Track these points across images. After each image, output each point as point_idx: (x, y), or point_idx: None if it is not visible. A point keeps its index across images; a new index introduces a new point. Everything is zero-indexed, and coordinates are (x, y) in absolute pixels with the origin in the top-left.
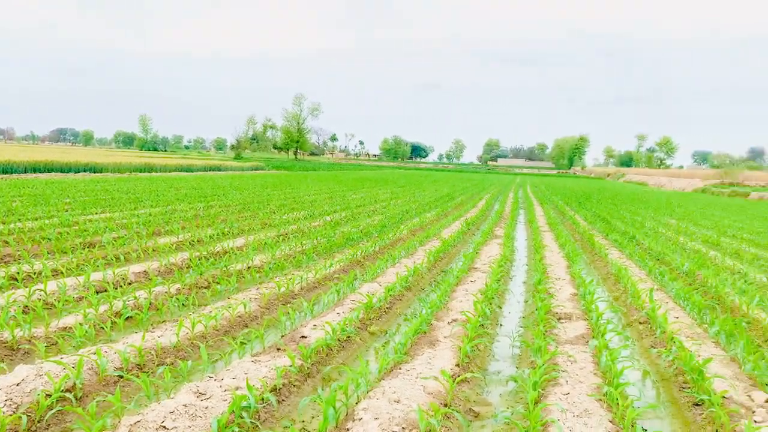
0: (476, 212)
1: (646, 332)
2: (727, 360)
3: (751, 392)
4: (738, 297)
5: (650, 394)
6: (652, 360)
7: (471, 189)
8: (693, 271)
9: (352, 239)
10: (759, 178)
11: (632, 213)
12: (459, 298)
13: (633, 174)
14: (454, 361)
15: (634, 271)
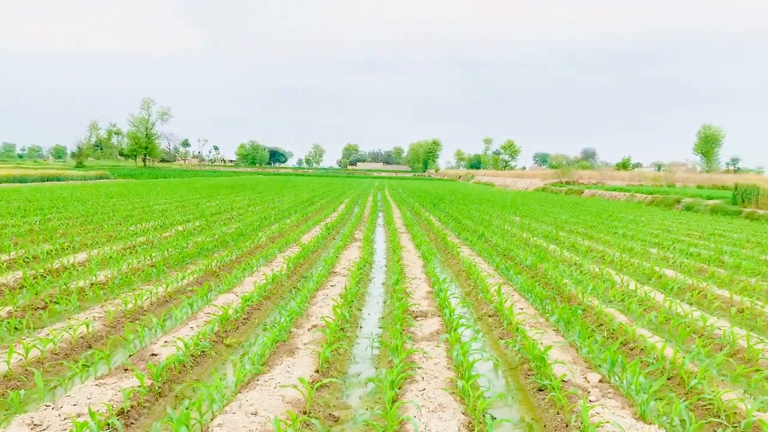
0: (336, 216)
1: (495, 325)
2: (567, 346)
3: (587, 374)
4: (574, 287)
5: (500, 384)
6: (500, 351)
7: (331, 193)
8: (535, 265)
9: (207, 249)
10: (591, 177)
11: (481, 212)
12: (319, 303)
13: (481, 176)
14: (313, 367)
15: (484, 267)
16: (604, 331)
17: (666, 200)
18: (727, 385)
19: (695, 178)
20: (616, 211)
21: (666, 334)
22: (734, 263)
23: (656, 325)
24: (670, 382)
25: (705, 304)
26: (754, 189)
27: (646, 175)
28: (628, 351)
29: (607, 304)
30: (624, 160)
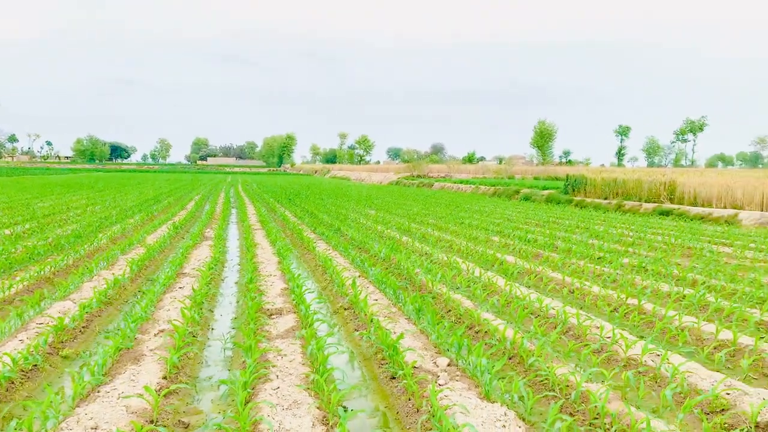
0: (185, 214)
1: (350, 317)
2: (418, 333)
3: (436, 359)
4: (425, 276)
5: (356, 375)
6: (356, 343)
7: (180, 190)
8: (389, 256)
9: (39, 254)
10: (440, 170)
11: (337, 207)
12: (167, 307)
13: (337, 170)
14: (161, 374)
15: (340, 260)
16: (452, 316)
17: (507, 191)
18: (560, 360)
19: (532, 170)
20: (463, 203)
21: (507, 316)
22: (566, 248)
23: (499, 308)
24: (511, 362)
25: (541, 286)
26: (582, 179)
27: (490, 168)
28: (474, 334)
29: (455, 290)
30: (470, 155)
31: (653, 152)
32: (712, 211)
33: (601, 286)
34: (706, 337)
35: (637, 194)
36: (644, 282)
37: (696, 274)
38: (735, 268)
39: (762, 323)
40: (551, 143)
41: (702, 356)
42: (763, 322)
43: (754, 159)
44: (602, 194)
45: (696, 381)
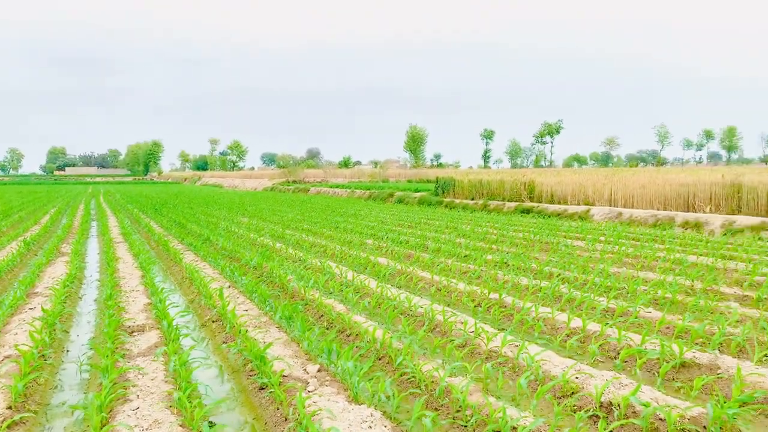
0: (39, 229)
1: (219, 330)
2: (289, 341)
3: (306, 366)
4: (297, 282)
5: (224, 388)
6: (224, 355)
7: (33, 203)
8: (261, 264)
9: None
10: (316, 175)
11: (208, 215)
12: (14, 330)
13: (209, 177)
14: (5, 404)
15: (209, 272)
16: (324, 321)
17: (381, 194)
18: (427, 357)
19: (406, 173)
20: (339, 207)
21: (378, 318)
22: (435, 247)
23: (370, 310)
24: (381, 362)
25: (411, 286)
26: (451, 181)
27: (365, 171)
28: (346, 338)
29: (328, 295)
30: (345, 159)
31: (516, 154)
32: (568, 208)
33: (466, 282)
34: (560, 326)
35: (501, 194)
36: (506, 277)
37: (552, 267)
38: (586, 260)
39: (608, 310)
40: (423, 147)
41: (555, 344)
42: (609, 309)
43: (605, 158)
44: (470, 195)
45: (549, 368)
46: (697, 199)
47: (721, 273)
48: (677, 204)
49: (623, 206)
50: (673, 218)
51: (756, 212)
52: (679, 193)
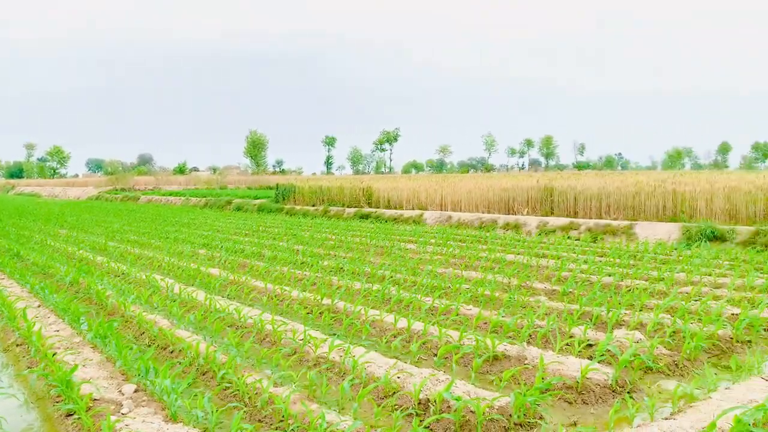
0: None
1: (23, 354)
2: (104, 361)
3: (122, 387)
4: (117, 298)
5: (27, 419)
6: (28, 382)
7: None
8: (77, 280)
9: None
10: (148, 182)
11: (20, 228)
12: None
13: (25, 186)
14: None
15: (16, 290)
16: (146, 338)
17: (219, 202)
18: (254, 368)
19: (246, 180)
20: (171, 216)
21: (205, 331)
22: (272, 255)
23: (196, 323)
24: (204, 377)
25: (243, 296)
26: (291, 188)
27: (201, 178)
28: (168, 354)
29: (152, 310)
30: (180, 165)
31: (357, 161)
32: (403, 213)
33: (300, 290)
34: (387, 327)
35: (341, 200)
36: (340, 282)
37: (385, 270)
38: (417, 262)
39: (433, 309)
40: (264, 153)
41: (382, 345)
42: (433, 308)
43: (440, 165)
44: (311, 201)
45: (374, 369)
46: (516, 203)
47: (534, 270)
48: (500, 207)
49: (452, 210)
50: (496, 220)
51: (566, 213)
52: (501, 197)
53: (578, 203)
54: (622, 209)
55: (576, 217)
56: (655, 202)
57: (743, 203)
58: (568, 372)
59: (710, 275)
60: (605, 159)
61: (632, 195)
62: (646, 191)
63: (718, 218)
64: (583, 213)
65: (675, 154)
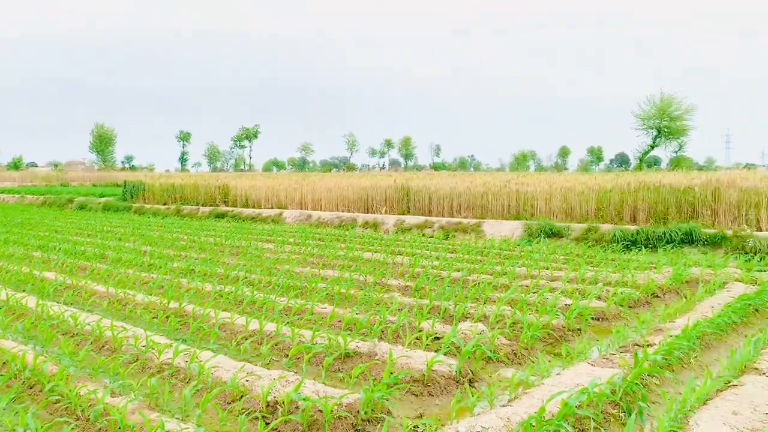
0: None
1: None
2: None
3: None
4: None
5: None
6: None
7: None
8: None
9: None
10: None
11: None
12: None
13: None
14: None
15: None
16: None
17: (59, 200)
18: (89, 379)
19: (91, 176)
20: (2, 215)
21: (35, 341)
22: (116, 257)
23: (24, 332)
24: (31, 390)
25: (81, 301)
26: (140, 185)
27: (39, 174)
28: None
29: None
30: (15, 160)
31: (215, 158)
32: (262, 212)
33: (145, 293)
34: (239, 329)
35: (195, 198)
36: (190, 284)
37: (239, 271)
38: (273, 262)
39: (287, 309)
40: (112, 148)
41: (231, 349)
42: (288, 308)
43: (302, 163)
44: (162, 200)
45: (221, 374)
46: (375, 202)
47: (390, 267)
48: (359, 206)
49: (313, 209)
50: (356, 219)
51: (421, 212)
52: (361, 196)
53: (432, 202)
54: (472, 208)
55: (431, 215)
56: (501, 201)
57: (577, 202)
58: (416, 365)
59: (548, 269)
60: (459, 160)
61: (481, 195)
62: (493, 191)
63: (556, 216)
64: (436, 211)
65: (521, 156)
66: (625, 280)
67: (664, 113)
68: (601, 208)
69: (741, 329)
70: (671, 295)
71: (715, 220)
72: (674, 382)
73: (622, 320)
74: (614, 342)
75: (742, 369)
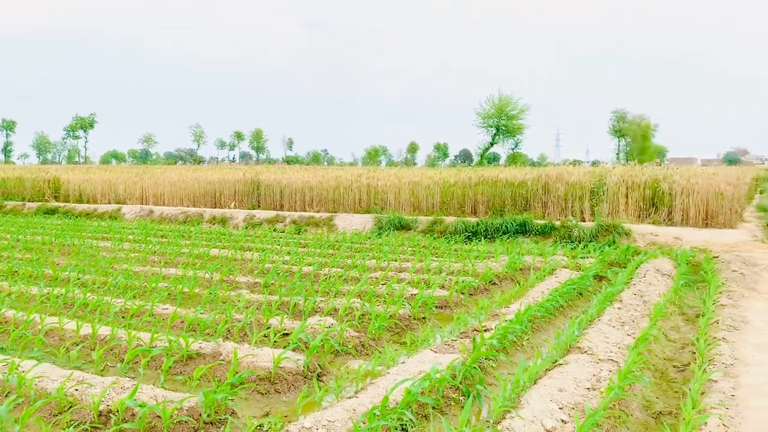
0: None
1: None
2: None
3: None
4: None
5: None
6: None
7: None
8: None
9: None
10: None
11: None
12: None
13: None
14: None
15: None
16: None
17: None
18: None
19: None
20: None
21: None
22: None
23: None
24: None
25: None
26: None
27: None
28: None
29: None
30: None
31: (44, 149)
32: (98, 207)
33: None
34: (69, 335)
35: (20, 193)
36: (12, 288)
37: (71, 271)
38: (110, 261)
39: (124, 311)
40: None
41: (60, 357)
42: (124, 310)
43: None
44: None
45: (47, 384)
46: (224, 196)
47: (238, 264)
48: (206, 201)
49: (155, 204)
50: (203, 214)
51: (272, 206)
52: (207, 190)
53: (284, 196)
54: (324, 202)
55: (282, 209)
56: (352, 195)
57: (424, 196)
58: (262, 363)
59: (396, 261)
60: (313, 154)
61: (333, 189)
62: (345, 185)
63: (405, 209)
64: (288, 206)
65: (373, 151)
66: (466, 269)
67: (502, 112)
68: (446, 201)
69: (567, 311)
70: (507, 282)
71: (546, 212)
72: (509, 364)
73: (463, 307)
74: (455, 328)
75: (567, 348)
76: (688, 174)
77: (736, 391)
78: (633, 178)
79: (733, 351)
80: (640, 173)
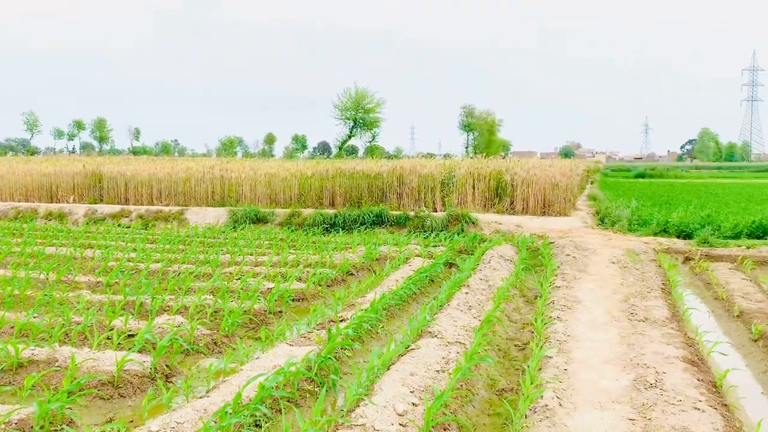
0: None
1: None
2: None
3: None
4: None
5: None
6: None
7: None
8: None
9: None
10: None
11: None
12: None
13: None
14: None
15: None
16: None
17: None
18: None
19: None
20: None
21: None
22: None
23: None
24: None
25: None
26: None
27: None
28: None
29: None
30: None
31: None
32: None
33: None
34: None
35: None
36: None
37: None
38: None
39: None
40: None
41: None
42: None
43: None
44: None
45: None
46: (61, 190)
47: (78, 262)
48: (41, 195)
49: None
50: (36, 209)
51: (117, 200)
52: (42, 183)
53: (129, 190)
54: (174, 195)
55: (127, 203)
56: (205, 188)
57: (281, 188)
58: (105, 367)
59: (252, 255)
60: (162, 145)
61: (183, 181)
62: (197, 177)
63: (261, 202)
64: (134, 200)
65: (228, 142)
66: (324, 261)
67: (359, 105)
68: (303, 193)
69: (420, 298)
70: (364, 272)
71: (401, 203)
72: (364, 352)
73: (321, 299)
74: (312, 320)
75: (419, 333)
76: (528, 166)
77: (568, 366)
78: (479, 171)
79: (566, 328)
80: (486, 166)
